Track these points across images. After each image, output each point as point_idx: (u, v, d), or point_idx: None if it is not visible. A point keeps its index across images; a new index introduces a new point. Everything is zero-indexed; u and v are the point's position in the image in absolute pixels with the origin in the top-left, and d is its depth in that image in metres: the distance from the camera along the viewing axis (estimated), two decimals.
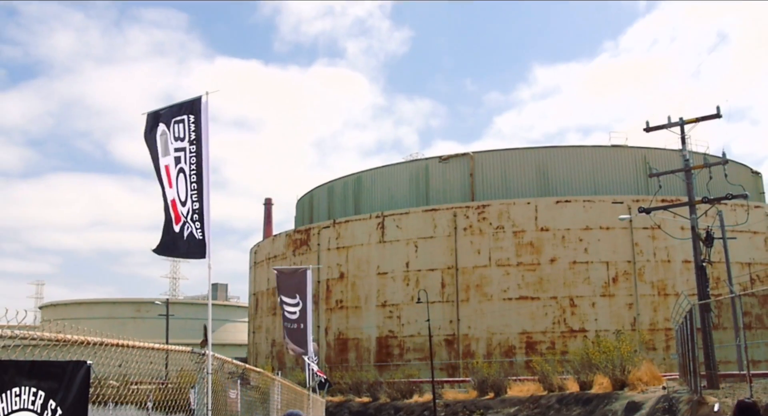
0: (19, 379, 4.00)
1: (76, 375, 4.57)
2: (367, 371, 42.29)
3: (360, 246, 48.25)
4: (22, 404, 4.02)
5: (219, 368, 8.33)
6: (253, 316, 60.48)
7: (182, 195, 7.21)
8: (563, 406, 28.28)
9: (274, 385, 10.36)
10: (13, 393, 3.95)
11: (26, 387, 4.06)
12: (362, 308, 47.33)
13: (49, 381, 4.29)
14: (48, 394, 4.26)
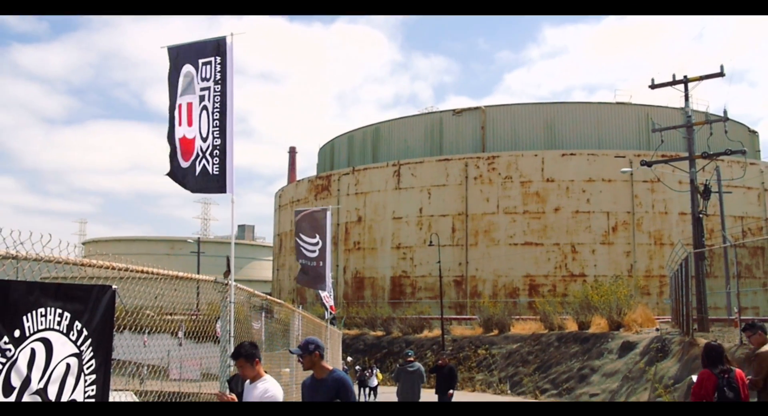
0: (44, 300, 3.77)
1: (102, 298, 4.35)
2: (381, 307, 42.58)
3: (377, 192, 48.07)
4: (48, 324, 3.80)
5: (245, 301, 8.20)
6: (277, 255, 60.92)
7: (203, 132, 7.01)
8: (562, 344, 28.31)
9: (294, 317, 10.23)
10: (38, 313, 3.72)
11: (52, 308, 3.84)
12: (378, 250, 47.43)
13: (75, 303, 4.06)
14: (74, 316, 4.04)
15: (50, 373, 3.83)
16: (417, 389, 14.02)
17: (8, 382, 3.49)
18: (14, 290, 3.55)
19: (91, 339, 4.21)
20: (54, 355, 3.86)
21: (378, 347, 37.48)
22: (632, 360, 22.70)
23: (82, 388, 4.14)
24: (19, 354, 3.56)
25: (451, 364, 16.35)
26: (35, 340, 3.70)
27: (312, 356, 5.76)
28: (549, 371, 27.05)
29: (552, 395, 25.18)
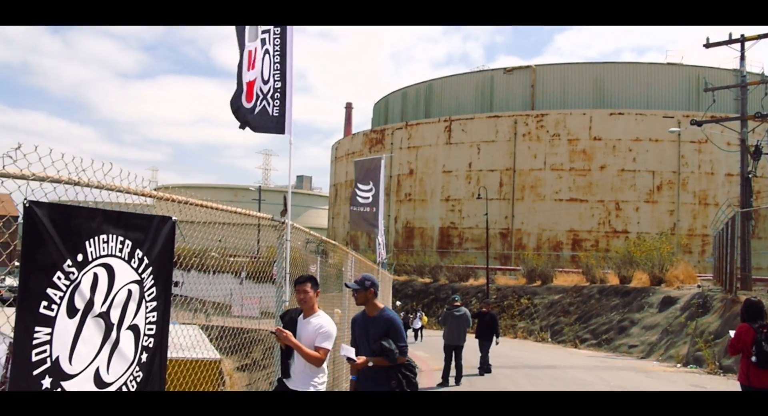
0: (106, 227, 3.63)
1: (162, 229, 4.20)
2: (429, 256, 42.54)
3: (428, 147, 47.48)
4: (110, 250, 3.66)
5: (302, 247, 8.10)
6: (333, 204, 61.28)
7: (265, 75, 6.80)
8: (603, 296, 27.74)
9: (348, 259, 10.09)
10: (101, 239, 3.58)
11: (114, 236, 3.69)
12: (428, 202, 47.14)
13: (137, 232, 3.92)
14: (135, 244, 3.90)
15: (113, 298, 3.71)
16: (462, 333, 13.87)
17: (72, 304, 3.37)
18: (76, 216, 3.40)
19: (152, 267, 4.08)
20: (116, 281, 3.74)
21: (425, 293, 37.57)
22: (672, 315, 22.08)
23: (143, 314, 4.03)
24: (82, 278, 3.43)
25: (493, 312, 16.12)
26: (98, 265, 3.57)
27: (367, 292, 5.57)
28: (589, 322, 26.60)
29: (591, 345, 24.80)
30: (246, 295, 22.35)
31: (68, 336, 3.38)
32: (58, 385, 3.31)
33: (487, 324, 15.14)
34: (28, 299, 3.12)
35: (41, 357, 3.19)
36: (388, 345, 5.32)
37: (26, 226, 3.09)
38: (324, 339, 5.28)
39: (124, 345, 3.84)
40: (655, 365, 18.62)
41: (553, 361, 19.31)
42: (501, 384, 13.82)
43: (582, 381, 14.52)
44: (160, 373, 4.23)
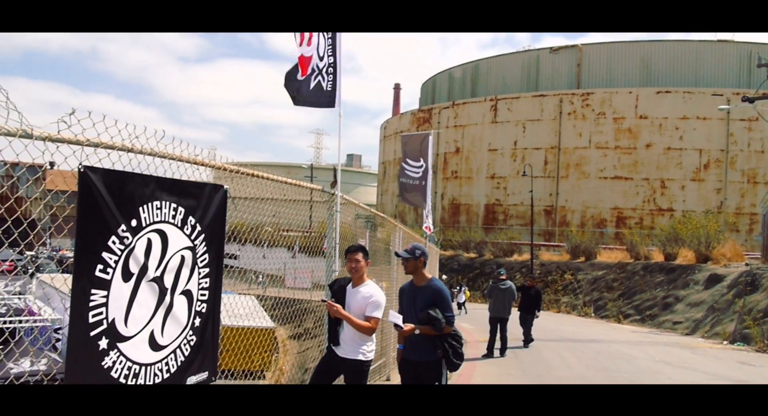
0: (160, 193, 3.55)
1: (214, 196, 4.11)
2: (474, 232, 42.11)
3: (474, 125, 46.75)
4: (163, 217, 3.59)
5: (352, 222, 8.00)
6: (381, 181, 61.20)
7: (321, 51, 6.74)
8: (648, 273, 26.92)
9: (396, 232, 9.93)
10: (154, 205, 3.51)
11: (167, 202, 3.61)
12: (473, 179, 46.55)
13: (189, 199, 3.83)
14: (187, 211, 3.82)
15: (166, 263, 3.65)
16: (508, 306, 13.62)
17: (127, 268, 3.32)
18: (130, 181, 3.32)
19: (204, 234, 4.00)
20: (169, 246, 3.66)
21: (471, 267, 37.26)
22: (719, 292, 21.23)
23: (196, 280, 3.96)
24: (136, 243, 3.37)
25: (538, 286, 15.75)
26: (151, 231, 3.50)
27: (417, 261, 5.41)
28: (633, 297, 25.88)
29: (635, 320, 24.15)
30: (298, 268, 22.55)
31: (123, 299, 3.33)
32: (115, 346, 3.26)
33: (532, 297, 14.85)
34: (84, 263, 3.06)
35: (97, 318, 3.14)
36: (435, 314, 5.16)
37: (81, 191, 3.01)
38: (374, 308, 5.16)
39: (177, 310, 3.79)
40: (701, 342, 17.98)
41: (596, 335, 18.88)
42: (545, 357, 13.56)
43: (626, 355, 14.12)
44: (213, 338, 4.17)
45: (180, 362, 3.80)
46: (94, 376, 3.12)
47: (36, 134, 2.86)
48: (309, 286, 21.57)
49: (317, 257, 7.16)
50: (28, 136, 2.83)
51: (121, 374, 3.30)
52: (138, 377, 3.43)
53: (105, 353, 3.19)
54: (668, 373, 11.68)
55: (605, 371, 11.82)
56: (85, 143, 3.09)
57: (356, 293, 5.26)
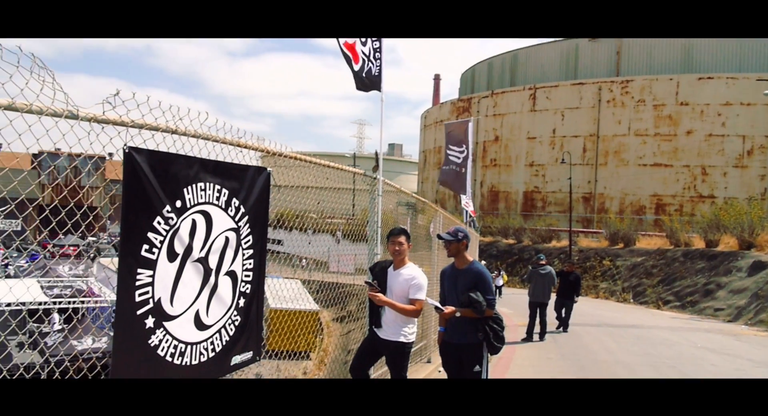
0: (204, 175, 3.47)
1: (258, 179, 4.02)
2: (513, 219, 41.49)
3: (513, 114, 45.93)
4: (207, 198, 3.51)
5: (393, 209, 7.88)
6: (422, 169, 60.87)
7: (363, 37, 6.65)
8: (688, 260, 26.02)
9: (437, 216, 9.75)
10: (198, 187, 3.43)
11: (211, 184, 3.54)
12: (512, 167, 45.81)
13: (233, 181, 3.75)
14: (231, 193, 3.73)
15: (210, 244, 3.58)
16: (547, 291, 13.31)
17: (172, 248, 3.25)
18: (175, 163, 3.25)
19: (248, 216, 3.92)
20: (213, 227, 3.59)
21: (509, 253, 36.77)
22: (763, 279, 20.36)
23: (241, 261, 3.89)
24: (181, 224, 3.30)
25: (577, 272, 15.29)
26: (196, 212, 3.43)
27: (459, 244, 5.24)
28: (673, 284, 25.07)
29: (675, 307, 23.41)
30: (342, 253, 22.59)
31: (169, 278, 3.27)
32: (161, 325, 3.21)
33: (570, 283, 14.46)
34: (129, 242, 3.00)
35: (144, 297, 3.09)
36: (476, 297, 4.98)
37: (126, 172, 2.95)
38: (417, 290, 5.03)
39: (222, 290, 3.72)
40: (744, 329, 17.27)
41: (636, 321, 18.34)
42: (584, 341, 13.22)
43: (667, 341, 13.65)
44: (257, 319, 4.10)
45: (225, 341, 3.74)
46: (140, 354, 3.07)
47: (81, 115, 2.80)
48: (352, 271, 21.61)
49: (360, 242, 7.11)
50: (74, 117, 2.77)
51: (167, 352, 3.25)
52: (184, 355, 3.38)
53: (151, 331, 3.14)
54: (712, 360, 11.22)
55: (646, 356, 11.44)
56: (129, 124, 3.02)
57: (398, 275, 5.13)
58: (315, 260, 26.65)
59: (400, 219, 8.61)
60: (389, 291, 5.14)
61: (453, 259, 5.41)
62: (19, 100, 2.57)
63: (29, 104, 2.61)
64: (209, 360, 3.58)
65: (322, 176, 5.60)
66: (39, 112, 2.64)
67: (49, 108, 2.68)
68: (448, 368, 5.37)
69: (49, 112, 2.68)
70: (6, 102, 2.54)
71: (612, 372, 9.76)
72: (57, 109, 2.71)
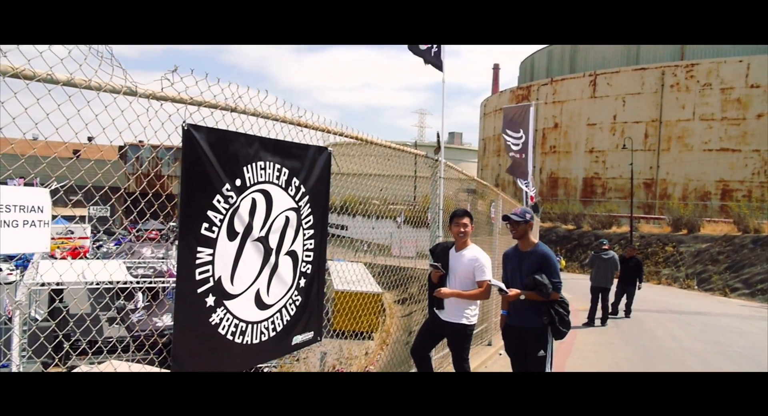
0: (264, 154, 3.30)
1: (318, 159, 3.83)
2: (573, 205, 40.12)
3: (573, 101, 44.28)
4: (267, 177, 3.34)
5: (454, 195, 7.61)
6: (482, 157, 59.84)
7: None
8: (758, 247, 24.36)
9: (498, 199, 9.37)
10: (258, 166, 3.26)
11: (271, 163, 3.36)
12: (572, 153, 44.27)
13: (293, 160, 3.57)
14: (291, 172, 3.56)
15: (271, 223, 3.41)
16: (610, 276, 12.67)
17: (232, 227, 3.10)
18: (234, 141, 3.09)
19: (309, 196, 3.73)
20: (274, 207, 3.43)
21: (568, 239, 35.62)
22: None
23: (301, 241, 3.71)
24: (240, 202, 3.15)
25: (638, 257, 14.41)
26: (255, 191, 3.26)
27: (526, 225, 4.91)
28: (741, 271, 23.55)
29: (743, 294, 21.98)
30: (404, 238, 22.38)
31: (229, 257, 3.12)
32: (221, 304, 3.07)
33: (632, 268, 13.62)
34: (189, 221, 2.86)
35: (204, 276, 2.95)
36: (541, 279, 4.64)
37: (185, 149, 2.80)
38: (482, 271, 4.75)
39: (282, 270, 3.56)
40: None
41: (702, 308, 17.30)
42: (648, 327, 12.53)
43: (738, 330, 12.76)
44: (318, 299, 3.93)
45: (286, 321, 3.59)
46: (201, 332, 2.95)
47: (140, 92, 2.66)
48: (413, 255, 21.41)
49: (421, 228, 6.99)
50: (132, 93, 2.63)
51: (228, 331, 3.11)
52: (245, 334, 3.24)
53: (212, 310, 3.01)
54: None
55: (716, 344, 10.70)
56: (188, 101, 2.87)
57: (461, 257, 4.85)
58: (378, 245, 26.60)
59: (460, 205, 8.31)
60: (452, 273, 4.88)
61: (514, 242, 5.09)
62: (77, 76, 2.45)
63: (88, 79, 2.49)
64: (270, 339, 3.44)
65: (384, 164, 5.51)
66: (98, 88, 2.52)
67: (107, 84, 2.55)
68: (511, 352, 5.06)
69: (108, 88, 2.55)
70: (65, 77, 2.42)
71: (680, 361, 9.16)
72: (115, 85, 2.58)
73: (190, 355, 2.86)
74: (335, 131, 4.07)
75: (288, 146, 3.53)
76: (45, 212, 2.20)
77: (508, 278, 4.94)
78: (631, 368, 8.56)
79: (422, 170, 6.50)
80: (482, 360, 8.40)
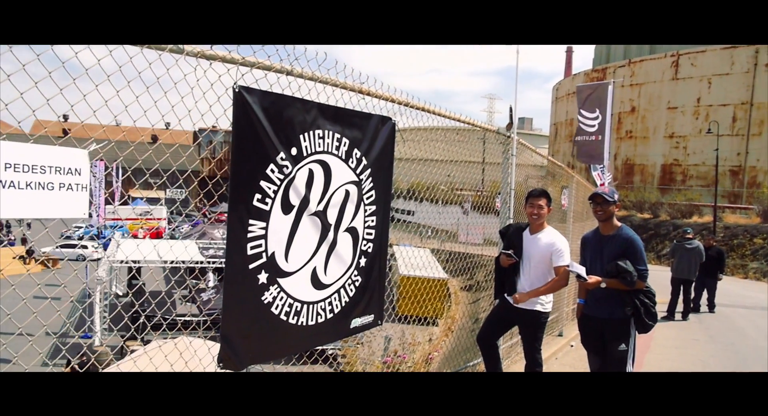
0: (322, 122, 3.04)
1: (381, 129, 3.54)
2: (649, 192, 38.10)
3: (653, 83, 41.85)
4: (325, 147, 3.08)
5: (523, 182, 7.20)
6: (553, 142, 57.89)
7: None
8: None
9: (571, 183, 8.80)
10: (316, 134, 3.01)
11: (330, 132, 3.10)
12: (650, 139, 41.96)
13: (354, 130, 3.29)
14: (352, 143, 3.28)
15: (329, 197, 3.16)
16: (693, 266, 11.73)
17: (287, 199, 2.87)
18: (290, 106, 2.84)
19: (371, 169, 3.45)
20: (332, 179, 3.17)
21: (644, 228, 33.85)
22: None
23: (362, 218, 3.45)
24: (296, 173, 2.90)
25: (719, 247, 13.19)
26: (313, 161, 3.01)
27: (614, 206, 4.45)
28: None
29: None
30: (470, 224, 21.95)
31: (284, 232, 2.89)
32: (275, 281, 2.85)
33: (712, 258, 12.40)
34: (240, 191, 2.63)
35: (256, 251, 2.73)
36: (625, 266, 4.17)
37: (236, 113, 2.57)
38: (560, 257, 4.34)
39: (341, 247, 3.30)
40: None
41: None
42: (737, 324, 11.57)
43: None
44: (379, 281, 3.66)
45: (344, 303, 3.34)
46: (252, 311, 2.74)
47: (187, 50, 2.45)
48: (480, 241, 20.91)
49: (489, 214, 6.74)
50: (179, 51, 2.42)
51: (281, 310, 2.89)
52: (300, 315, 3.01)
53: (264, 287, 2.79)
54: None
55: None
56: (239, 61, 2.64)
57: (536, 240, 4.46)
58: (445, 231, 26.19)
59: None
60: (526, 257, 4.49)
61: (589, 225, 4.63)
62: None
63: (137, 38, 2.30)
64: (327, 321, 3.20)
65: (451, 149, 5.41)
66: (143, 42, 2.32)
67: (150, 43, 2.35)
68: (588, 345, 4.63)
69: (152, 46, 2.35)
70: None
71: None
72: (160, 45, 2.37)
73: (239, 335, 2.67)
74: (400, 100, 3.76)
75: (349, 115, 3.26)
76: (83, 174, 2.03)
77: (587, 264, 4.48)
78: (719, 368, 7.86)
79: (490, 155, 6.15)
80: (553, 351, 7.95)
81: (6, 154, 1.81)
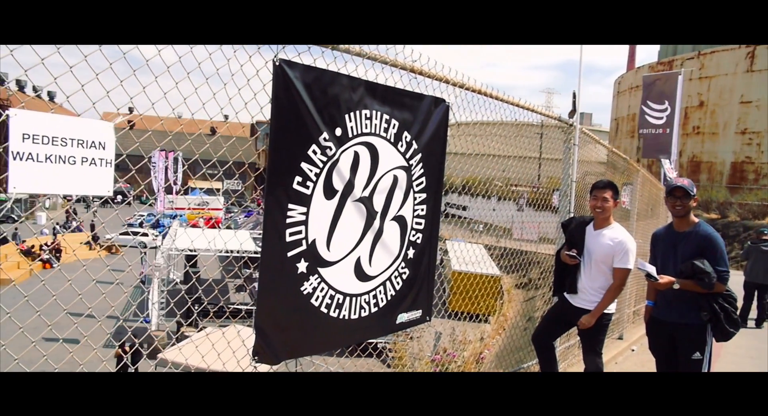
0: (370, 101, 2.80)
1: (434, 112, 3.27)
2: (717, 191, 36.17)
3: (724, 76, 39.64)
4: (373, 129, 2.85)
5: (580, 179, 6.81)
6: (613, 138, 55.79)
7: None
8: None
9: (636, 178, 8.27)
10: (363, 115, 2.78)
11: (378, 112, 2.87)
12: (719, 135, 39.80)
13: (404, 111, 3.05)
14: (402, 125, 3.04)
15: (376, 183, 2.93)
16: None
17: (330, 184, 2.65)
18: (335, 83, 2.62)
19: (421, 154, 3.20)
20: (380, 164, 2.93)
21: None
22: None
23: (411, 206, 3.20)
24: (341, 155, 2.68)
25: None
26: (359, 143, 2.79)
27: (693, 200, 4.05)
28: None
29: None
30: (525, 221, 21.38)
31: (326, 219, 2.68)
32: (315, 271, 2.64)
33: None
34: (279, 172, 2.43)
35: (296, 238, 2.53)
36: (702, 266, 3.75)
37: (276, 89, 2.37)
38: (626, 257, 3.96)
39: (388, 237, 3.07)
40: None
41: None
42: None
43: None
44: (428, 274, 3.40)
45: (390, 296, 3.11)
46: (290, 301, 2.54)
47: None
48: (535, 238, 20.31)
49: (545, 211, 6.50)
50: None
51: (322, 302, 2.69)
52: (342, 308, 2.80)
53: (304, 277, 2.59)
54: None
55: None
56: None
57: (599, 236, 4.09)
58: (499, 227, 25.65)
59: None
60: (587, 253, 4.14)
61: (654, 224, 4.21)
62: None
63: None
64: (371, 315, 2.98)
65: (507, 144, 5.27)
66: None
67: None
68: (656, 351, 4.23)
69: None
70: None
71: None
72: None
73: (275, 327, 2.48)
74: (455, 81, 3.48)
75: (399, 94, 3.02)
76: (107, 149, 1.88)
77: (658, 262, 4.08)
78: None
79: (548, 151, 5.82)
80: (612, 355, 7.50)
81: (24, 124, 1.67)
